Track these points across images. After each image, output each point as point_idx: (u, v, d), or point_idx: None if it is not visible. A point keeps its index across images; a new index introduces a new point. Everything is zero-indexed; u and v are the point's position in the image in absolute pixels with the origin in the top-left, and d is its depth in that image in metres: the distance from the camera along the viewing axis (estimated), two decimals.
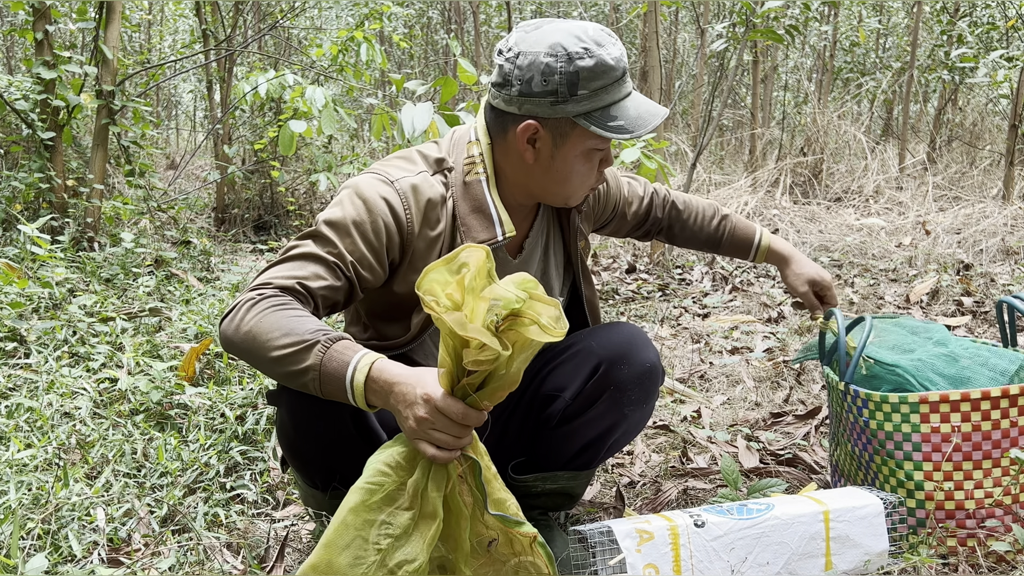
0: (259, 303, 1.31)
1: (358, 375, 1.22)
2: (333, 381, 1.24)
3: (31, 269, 3.31)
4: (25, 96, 4.23)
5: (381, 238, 1.43)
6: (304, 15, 8.01)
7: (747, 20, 4.34)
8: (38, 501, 1.71)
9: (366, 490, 1.21)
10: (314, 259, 1.39)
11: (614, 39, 1.45)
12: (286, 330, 1.27)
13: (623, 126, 1.42)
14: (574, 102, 1.41)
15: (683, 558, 1.45)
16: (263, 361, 1.30)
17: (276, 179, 5.55)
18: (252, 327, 1.29)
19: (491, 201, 1.49)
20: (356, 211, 1.42)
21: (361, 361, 1.23)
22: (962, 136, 7.98)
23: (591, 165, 1.50)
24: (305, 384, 1.27)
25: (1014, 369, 1.72)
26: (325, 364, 1.24)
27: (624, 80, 1.45)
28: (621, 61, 1.43)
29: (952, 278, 4.03)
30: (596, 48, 1.40)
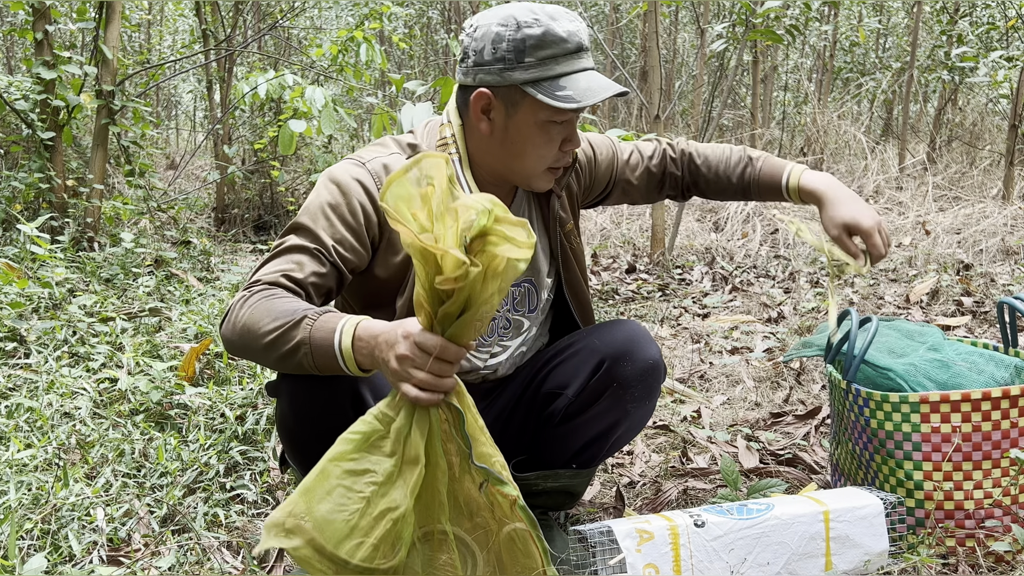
0: (248, 299, 1.33)
1: (344, 338, 1.22)
2: (324, 351, 1.24)
3: (31, 269, 3.31)
4: (25, 96, 4.23)
5: (359, 218, 1.45)
6: (304, 15, 8.01)
7: (747, 20, 4.34)
8: (38, 501, 1.71)
9: (349, 440, 1.19)
10: (297, 250, 1.41)
11: (572, 17, 1.46)
12: (275, 314, 1.28)
13: (571, 95, 1.41)
14: (521, 69, 1.42)
15: (683, 558, 1.45)
16: (259, 350, 1.30)
17: (276, 179, 5.55)
18: (244, 320, 1.31)
19: (464, 180, 1.51)
20: (331, 195, 1.45)
21: (346, 325, 1.23)
22: (962, 136, 7.98)
23: (547, 139, 1.47)
24: (300, 363, 1.27)
25: (1007, 376, 1.72)
26: (314, 336, 1.24)
27: (578, 55, 1.44)
28: (575, 35, 1.43)
29: (952, 278, 4.03)
30: (547, 19, 1.43)
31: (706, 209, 6.06)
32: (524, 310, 1.66)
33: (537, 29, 1.41)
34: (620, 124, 8.75)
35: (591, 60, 1.47)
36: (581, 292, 1.73)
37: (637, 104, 8.24)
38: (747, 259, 4.92)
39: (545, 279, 1.68)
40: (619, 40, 9.94)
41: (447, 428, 1.23)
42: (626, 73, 5.55)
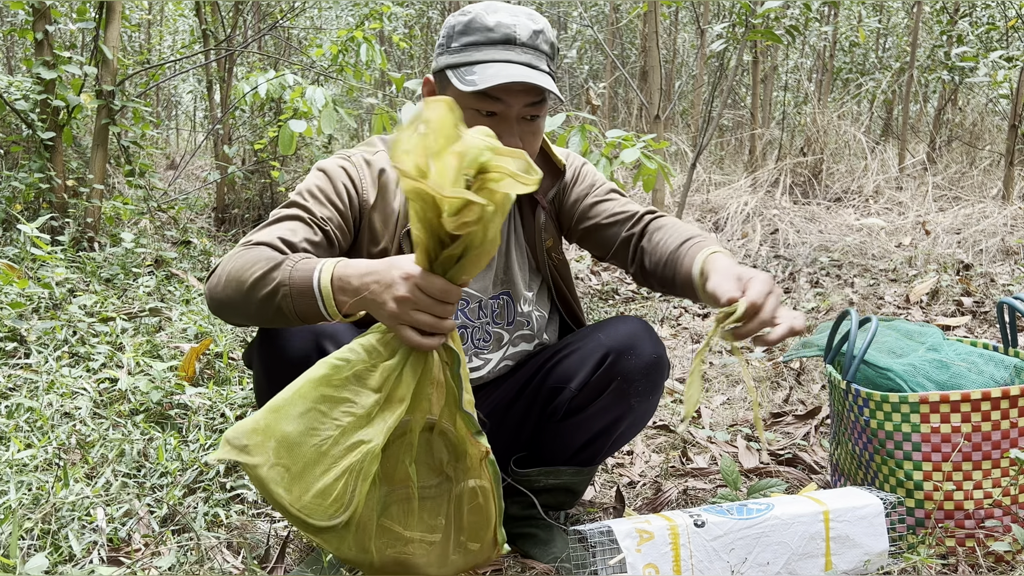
0: (235, 254, 1.33)
1: (323, 276, 1.21)
2: (303, 293, 1.22)
3: (31, 269, 3.31)
4: (25, 96, 4.23)
5: (344, 199, 1.49)
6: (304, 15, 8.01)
7: (746, 21, 4.34)
8: (38, 501, 1.71)
9: (333, 365, 1.16)
10: (289, 219, 1.44)
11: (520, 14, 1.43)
12: (256, 259, 1.28)
13: (473, 80, 1.39)
14: (448, 54, 1.45)
15: (683, 558, 1.45)
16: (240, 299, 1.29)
17: (276, 179, 5.55)
18: (228, 270, 1.31)
19: None
20: (318, 180, 1.50)
21: (325, 264, 1.22)
22: (962, 136, 7.98)
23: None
24: (280, 307, 1.25)
25: (1006, 376, 1.72)
26: (293, 276, 1.23)
27: (504, 47, 1.41)
28: (504, 27, 1.42)
29: (952, 278, 4.03)
30: (482, 11, 1.44)
31: (706, 209, 6.06)
32: (503, 323, 1.65)
33: (465, 17, 1.44)
34: (620, 124, 8.75)
35: (528, 56, 1.42)
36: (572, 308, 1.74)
37: (637, 104, 8.24)
38: (747, 259, 4.92)
39: (524, 292, 1.66)
40: (619, 40, 9.94)
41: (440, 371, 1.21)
42: (626, 73, 5.56)
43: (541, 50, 1.45)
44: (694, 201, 6.09)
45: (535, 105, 1.45)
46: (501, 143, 1.39)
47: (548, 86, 1.40)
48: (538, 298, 1.69)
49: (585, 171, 1.70)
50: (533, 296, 1.68)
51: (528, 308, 1.66)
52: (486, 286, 1.62)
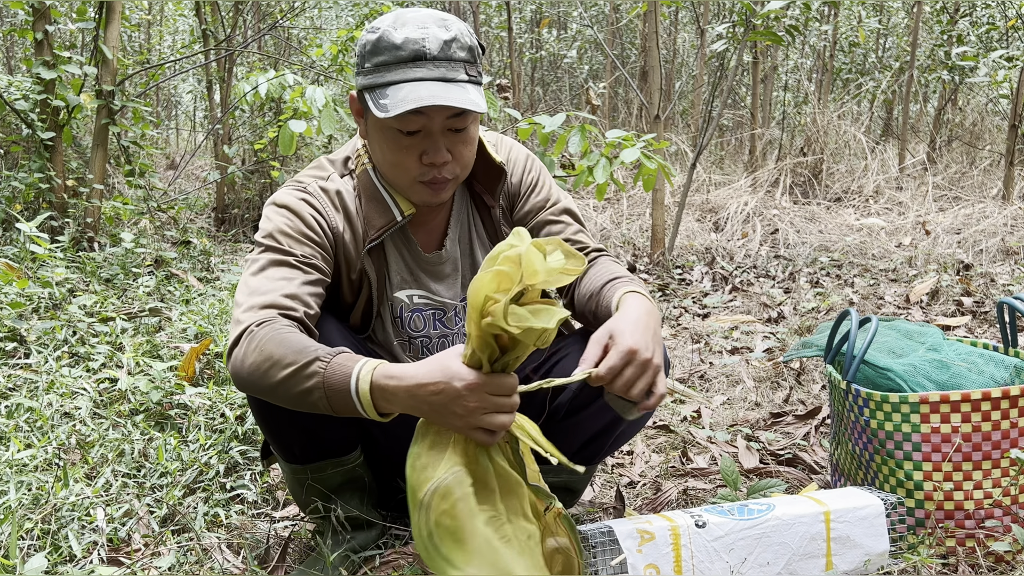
0: (253, 336, 1.31)
1: (362, 383, 1.20)
2: (340, 396, 1.22)
3: (31, 269, 3.31)
4: (25, 96, 4.23)
5: (318, 233, 1.47)
6: (304, 15, 8.01)
7: (747, 21, 4.34)
8: (38, 501, 1.71)
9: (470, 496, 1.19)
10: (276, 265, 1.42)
11: (427, 24, 1.38)
12: (285, 350, 1.26)
13: (385, 105, 1.36)
14: (363, 75, 1.42)
15: (684, 558, 1.45)
16: (271, 389, 1.28)
17: (276, 179, 5.55)
18: (255, 357, 1.29)
19: (379, 185, 1.52)
20: (284, 218, 1.47)
21: (363, 369, 1.21)
22: (962, 136, 7.98)
23: (398, 148, 1.42)
24: (315, 404, 1.25)
25: (1006, 376, 1.72)
26: (328, 380, 1.22)
27: (415, 64, 1.37)
28: (412, 43, 1.36)
29: (952, 278, 4.03)
30: (389, 27, 1.39)
31: (706, 209, 6.06)
32: None
33: (374, 35, 1.40)
34: (620, 124, 8.75)
35: (440, 70, 1.38)
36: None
37: (637, 104, 8.24)
38: (747, 259, 4.92)
39: None
40: (619, 40, 9.94)
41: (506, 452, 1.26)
42: (626, 73, 5.56)
43: (456, 59, 1.39)
44: (694, 201, 6.09)
45: (457, 118, 1.40)
46: (431, 157, 1.41)
47: (462, 101, 1.35)
48: None
49: (543, 180, 1.65)
50: None
51: None
52: (456, 292, 1.62)
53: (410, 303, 1.59)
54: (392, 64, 1.38)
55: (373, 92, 1.40)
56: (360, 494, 1.61)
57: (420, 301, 1.60)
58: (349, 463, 1.57)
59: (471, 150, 1.49)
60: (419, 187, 1.47)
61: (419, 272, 1.59)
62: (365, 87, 1.41)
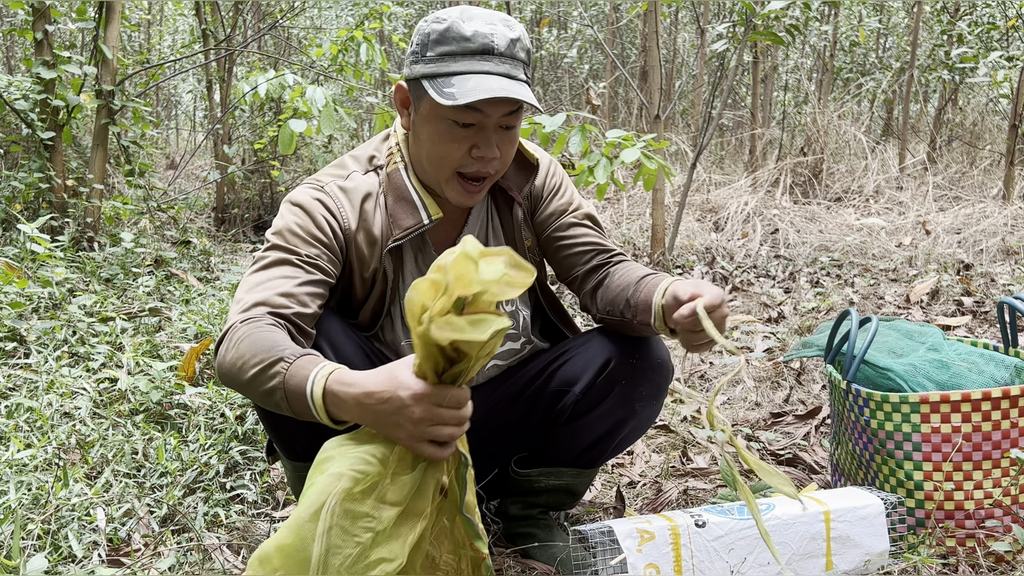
0: (238, 331, 1.31)
1: (316, 389, 1.18)
2: (298, 399, 1.20)
3: (31, 269, 3.31)
4: (25, 96, 4.22)
5: (327, 232, 1.46)
6: (304, 15, 8.01)
7: (747, 21, 4.34)
8: (38, 501, 1.71)
9: (352, 478, 1.12)
10: (279, 264, 1.42)
11: (496, 22, 1.40)
12: (257, 350, 1.25)
13: (452, 93, 1.37)
14: (423, 63, 1.41)
15: (684, 558, 1.45)
16: (243, 387, 1.28)
17: (276, 179, 5.55)
18: (232, 356, 1.29)
19: (411, 186, 1.51)
20: (296, 216, 1.46)
21: (319, 373, 1.19)
22: (962, 136, 7.98)
23: (449, 139, 1.42)
24: (279, 405, 1.24)
25: (1007, 376, 1.72)
26: (287, 382, 1.21)
27: (482, 57, 1.38)
28: (482, 37, 1.38)
29: (952, 278, 4.03)
30: (458, 17, 1.40)
31: (706, 209, 6.06)
32: None
33: (441, 25, 1.40)
34: (620, 124, 8.75)
35: (506, 67, 1.39)
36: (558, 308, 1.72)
37: (637, 104, 8.24)
38: (747, 259, 4.92)
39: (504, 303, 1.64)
40: (619, 40, 9.94)
41: (446, 473, 1.20)
42: (626, 73, 5.56)
43: (518, 59, 1.41)
44: (694, 201, 6.09)
45: (513, 115, 1.42)
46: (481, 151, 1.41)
47: (527, 98, 1.37)
48: (519, 297, 1.66)
49: (565, 185, 1.66)
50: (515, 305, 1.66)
51: (511, 308, 1.64)
52: None
53: None
54: (459, 55, 1.38)
55: (435, 80, 1.39)
56: None
57: None
58: None
59: (514, 148, 1.50)
60: (455, 183, 1.46)
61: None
62: (426, 75, 1.40)
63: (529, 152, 1.61)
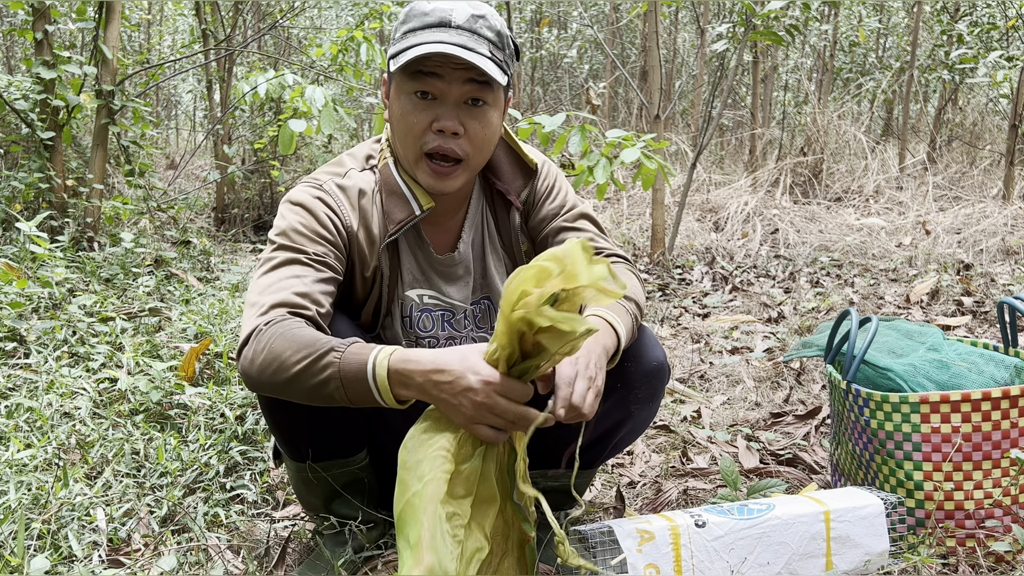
0: (263, 334, 1.31)
1: (379, 368, 1.21)
2: (357, 383, 1.22)
3: (31, 269, 3.31)
4: (25, 96, 4.22)
5: (331, 231, 1.46)
6: (304, 15, 8.00)
7: (747, 21, 4.34)
8: (38, 501, 1.71)
9: (443, 480, 1.18)
10: (289, 263, 1.41)
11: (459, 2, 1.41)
12: (298, 347, 1.26)
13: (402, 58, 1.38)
14: (393, 44, 1.44)
15: (684, 558, 1.45)
16: (282, 385, 1.28)
17: (276, 179, 5.55)
18: (265, 355, 1.28)
19: (400, 179, 1.51)
20: (299, 216, 1.46)
21: (379, 355, 1.22)
22: (962, 136, 7.99)
23: (412, 111, 1.41)
24: (332, 395, 1.25)
25: (1007, 376, 1.72)
26: (343, 369, 1.22)
27: (439, 28, 1.38)
28: (440, 12, 1.39)
29: (952, 278, 4.03)
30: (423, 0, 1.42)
31: (706, 209, 6.06)
32: (486, 328, 1.63)
33: (407, 8, 1.43)
34: (620, 124, 8.75)
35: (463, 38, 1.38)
36: None
37: (637, 104, 8.24)
38: (747, 259, 4.92)
39: None
40: (619, 40, 9.94)
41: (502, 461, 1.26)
42: (626, 73, 5.55)
43: (481, 34, 1.40)
44: (694, 201, 6.09)
45: (477, 86, 1.40)
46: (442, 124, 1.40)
47: (480, 63, 1.34)
48: None
49: (559, 186, 1.65)
50: None
51: None
52: (467, 295, 1.61)
53: (420, 303, 1.58)
54: (418, 29, 1.40)
55: (396, 58, 1.41)
56: (362, 495, 1.61)
57: (430, 302, 1.59)
58: (355, 464, 1.57)
59: (486, 134, 1.46)
60: (424, 164, 1.45)
61: (431, 273, 1.58)
62: (393, 54, 1.42)
63: (527, 156, 1.61)
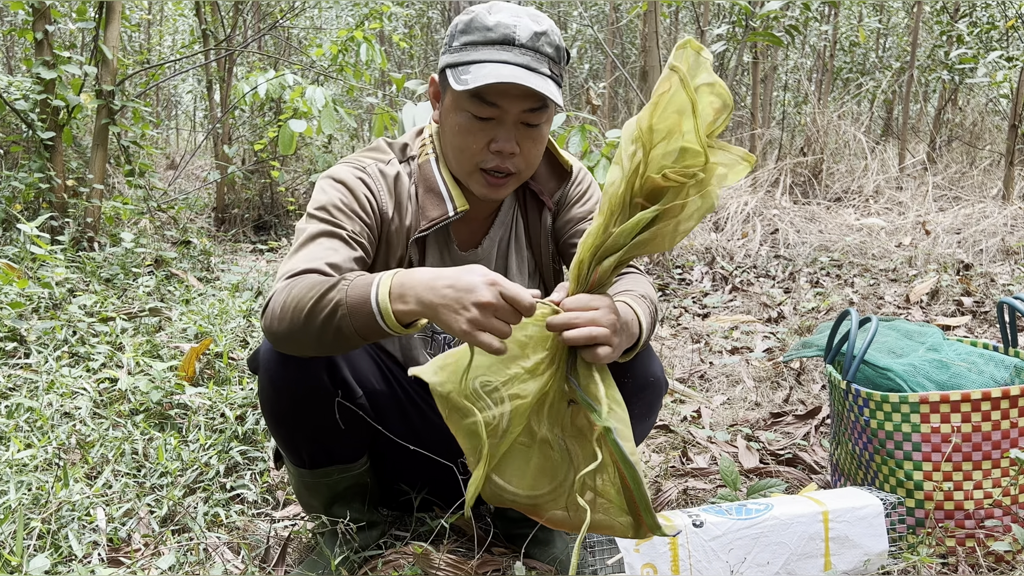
0: (288, 285, 1.30)
1: (381, 289, 1.18)
2: (361, 306, 1.18)
3: (31, 269, 3.31)
4: (25, 96, 4.23)
5: (369, 212, 1.46)
6: (304, 15, 8.00)
7: (746, 23, 4.34)
8: (38, 501, 1.71)
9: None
10: (325, 235, 1.40)
11: (521, 15, 1.40)
12: (312, 286, 1.25)
13: (467, 80, 1.36)
14: (449, 53, 1.43)
15: (681, 558, 1.45)
16: (301, 325, 1.25)
17: (276, 179, 5.55)
18: (284, 300, 1.27)
19: (439, 177, 1.51)
20: (339, 193, 1.45)
21: (383, 277, 1.19)
22: (962, 136, 7.99)
23: (468, 131, 1.41)
24: (340, 328, 1.21)
25: (1007, 376, 1.72)
26: (349, 295, 1.19)
27: (503, 47, 1.38)
28: (503, 27, 1.38)
29: (952, 278, 4.03)
30: (484, 10, 1.41)
31: None
32: None
33: (467, 16, 1.42)
34: (620, 124, 8.75)
35: (527, 58, 1.38)
36: None
37: (637, 104, 8.24)
38: (747, 259, 4.92)
39: None
40: (619, 40, 9.94)
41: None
42: (626, 73, 5.56)
43: (543, 52, 1.39)
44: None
45: (534, 112, 1.40)
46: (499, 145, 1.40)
47: (543, 89, 1.34)
48: None
49: (590, 192, 1.64)
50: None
51: None
52: None
53: None
54: (480, 44, 1.39)
55: (456, 69, 1.40)
56: (363, 496, 1.61)
57: None
58: (356, 470, 1.56)
59: (539, 150, 1.47)
60: (479, 176, 1.45)
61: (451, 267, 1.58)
62: (449, 64, 1.41)
63: (563, 158, 1.61)
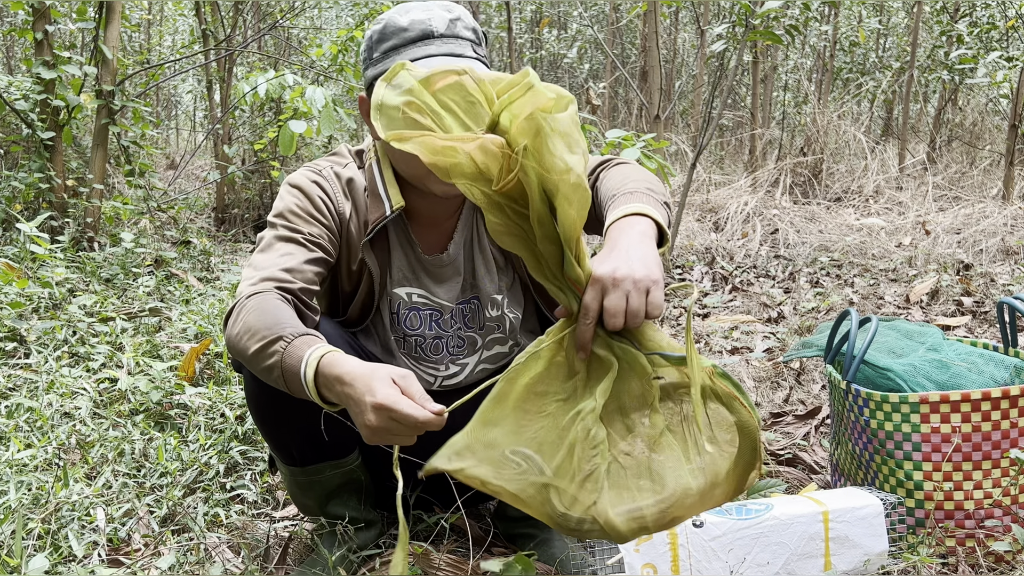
0: (240, 310, 1.32)
1: (308, 370, 1.19)
2: (293, 378, 1.21)
3: (31, 269, 3.31)
4: (25, 96, 4.23)
5: (325, 214, 1.48)
6: (304, 15, 8.00)
7: (746, 21, 4.34)
8: (38, 501, 1.71)
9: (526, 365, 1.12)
10: (283, 240, 1.43)
11: (431, 8, 1.40)
12: (259, 327, 1.26)
13: None
14: (373, 66, 1.43)
15: (681, 558, 1.45)
16: (247, 362, 1.29)
17: (276, 179, 5.55)
18: (238, 329, 1.30)
19: (379, 178, 1.52)
20: (295, 198, 1.48)
21: (313, 354, 1.19)
22: (962, 136, 7.99)
23: None
24: (277, 382, 1.25)
25: (1007, 376, 1.72)
26: (284, 361, 1.22)
27: (424, 43, 1.39)
28: (419, 24, 1.39)
29: (952, 278, 4.03)
30: (394, 14, 1.41)
31: (706, 209, 6.06)
32: (475, 327, 1.62)
33: (379, 25, 1.42)
34: (620, 124, 8.75)
35: (449, 46, 1.39)
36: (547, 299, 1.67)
37: (637, 104, 8.24)
38: (747, 259, 4.92)
39: (492, 295, 1.61)
40: (619, 40, 9.94)
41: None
42: (626, 73, 5.56)
43: (463, 37, 1.41)
44: (694, 201, 6.09)
45: None
46: None
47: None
48: (511, 297, 1.64)
49: None
50: (503, 298, 1.63)
51: (497, 312, 1.62)
52: (455, 295, 1.60)
53: (408, 301, 1.59)
54: (400, 46, 1.39)
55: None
56: (358, 494, 1.61)
57: (419, 300, 1.59)
58: (347, 465, 1.57)
59: None
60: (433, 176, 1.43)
61: (420, 272, 1.59)
62: (375, 76, 1.42)
63: None
